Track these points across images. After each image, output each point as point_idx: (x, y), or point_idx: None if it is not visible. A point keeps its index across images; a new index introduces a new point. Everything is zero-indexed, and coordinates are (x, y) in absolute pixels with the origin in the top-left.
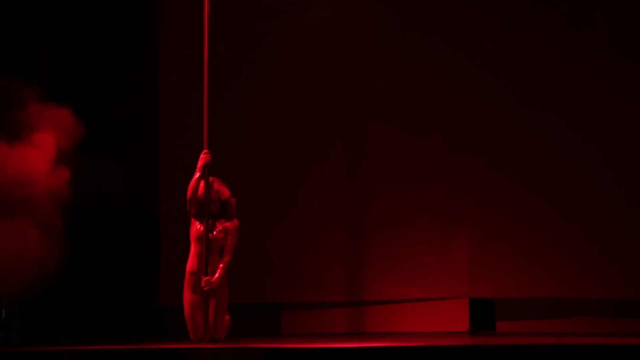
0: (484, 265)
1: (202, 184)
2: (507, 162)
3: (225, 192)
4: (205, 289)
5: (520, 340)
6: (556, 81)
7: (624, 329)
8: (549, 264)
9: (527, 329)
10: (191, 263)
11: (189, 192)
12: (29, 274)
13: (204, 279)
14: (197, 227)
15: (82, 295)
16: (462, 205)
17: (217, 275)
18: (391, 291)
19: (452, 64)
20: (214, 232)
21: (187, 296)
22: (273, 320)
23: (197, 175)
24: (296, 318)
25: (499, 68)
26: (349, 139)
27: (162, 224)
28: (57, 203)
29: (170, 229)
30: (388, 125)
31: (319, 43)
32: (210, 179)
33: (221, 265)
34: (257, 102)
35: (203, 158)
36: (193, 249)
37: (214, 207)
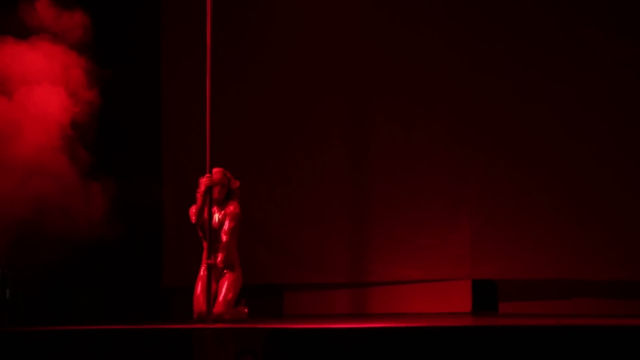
0: (486, 247)
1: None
2: (510, 144)
3: (236, 182)
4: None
5: (523, 321)
6: (562, 58)
7: (626, 310)
8: (551, 245)
9: (529, 310)
10: (206, 254)
11: (193, 219)
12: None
13: (208, 262)
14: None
15: (85, 276)
16: (465, 186)
17: (219, 257)
18: (393, 272)
19: (455, 36)
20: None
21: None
22: (276, 301)
23: (199, 202)
24: (299, 299)
25: (502, 43)
26: (351, 122)
27: (165, 205)
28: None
29: (173, 210)
30: (390, 110)
31: (325, 19)
32: (219, 168)
33: (220, 250)
34: (259, 84)
35: (204, 182)
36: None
37: (221, 192)
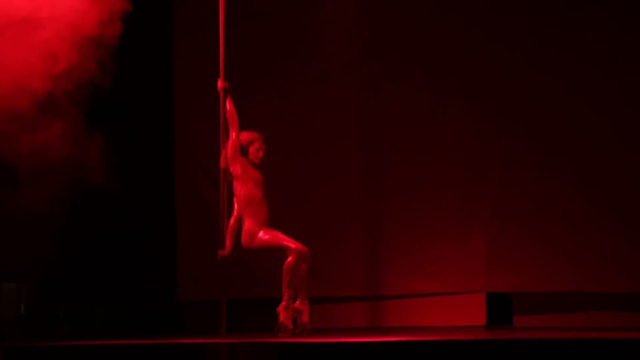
0: (500, 259)
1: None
2: (524, 155)
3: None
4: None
5: (538, 334)
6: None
7: None
8: (565, 258)
9: (544, 323)
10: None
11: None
12: None
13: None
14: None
15: (99, 290)
16: (478, 198)
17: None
18: (408, 285)
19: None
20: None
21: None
22: None
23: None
24: (313, 312)
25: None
26: (366, 135)
27: (178, 219)
28: None
29: (186, 223)
30: (404, 121)
31: (340, 28)
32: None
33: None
34: (272, 95)
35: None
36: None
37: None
